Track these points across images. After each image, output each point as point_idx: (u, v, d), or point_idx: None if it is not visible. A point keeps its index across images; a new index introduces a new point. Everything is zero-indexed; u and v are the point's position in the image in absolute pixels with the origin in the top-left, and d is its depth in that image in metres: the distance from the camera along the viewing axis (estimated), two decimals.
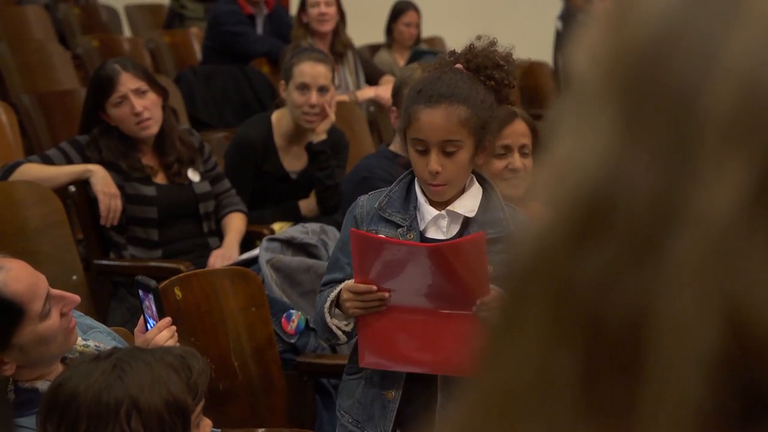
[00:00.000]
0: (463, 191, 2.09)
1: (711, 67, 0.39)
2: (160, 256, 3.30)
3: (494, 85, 2.05)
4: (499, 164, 2.51)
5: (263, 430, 2.49)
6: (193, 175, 3.40)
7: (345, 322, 2.07)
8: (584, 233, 0.40)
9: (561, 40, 6.65)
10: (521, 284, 0.42)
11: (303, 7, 5.07)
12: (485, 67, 2.05)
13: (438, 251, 1.95)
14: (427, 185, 2.05)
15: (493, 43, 2.10)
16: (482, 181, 2.12)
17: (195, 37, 6.06)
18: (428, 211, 2.06)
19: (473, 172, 2.11)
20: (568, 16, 6.61)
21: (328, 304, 2.06)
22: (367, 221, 2.08)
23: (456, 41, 2.62)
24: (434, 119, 2.00)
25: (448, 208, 2.07)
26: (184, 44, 6.00)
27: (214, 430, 2.04)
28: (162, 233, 3.32)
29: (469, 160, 2.04)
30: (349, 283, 2.03)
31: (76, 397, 1.53)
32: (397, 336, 2.03)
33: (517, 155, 2.50)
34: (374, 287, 2.00)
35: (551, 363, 0.40)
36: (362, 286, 2.01)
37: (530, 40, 7.13)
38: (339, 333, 2.08)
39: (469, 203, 2.08)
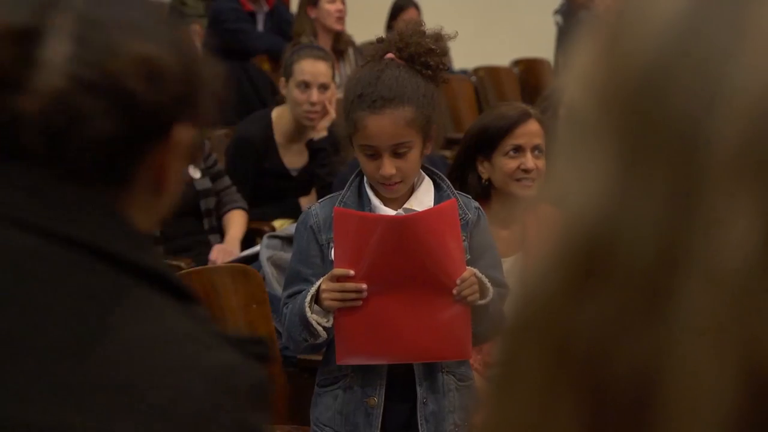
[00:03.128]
0: (413, 188, 2.07)
1: (715, 100, 0.35)
2: (161, 253, 3.31)
3: (431, 73, 2.01)
4: (512, 164, 2.47)
5: None
6: (194, 172, 3.40)
7: (325, 319, 2.01)
8: (583, 280, 0.37)
9: (562, 36, 6.64)
10: (517, 335, 0.40)
11: (314, 2, 5.01)
12: (419, 54, 2.00)
13: (416, 220, 1.94)
14: (382, 186, 2.02)
15: (419, 25, 2.08)
16: (431, 174, 2.11)
17: (195, 34, 6.06)
18: (385, 212, 2.03)
19: (421, 166, 2.09)
20: (567, 12, 6.61)
21: (308, 298, 1.99)
22: (325, 230, 2.03)
23: (457, 38, 2.61)
24: (382, 125, 1.95)
25: (405, 206, 2.04)
26: None
27: None
28: (163, 230, 3.32)
29: (419, 156, 2.02)
30: (330, 272, 1.99)
31: None
32: (375, 328, 2.00)
33: (529, 155, 2.47)
34: (352, 272, 1.95)
35: (550, 420, 0.38)
36: (341, 270, 1.96)
37: (531, 37, 7.14)
38: (320, 329, 2.00)
39: (424, 198, 2.06)
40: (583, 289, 0.37)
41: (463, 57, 6.51)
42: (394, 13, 6.01)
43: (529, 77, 6.42)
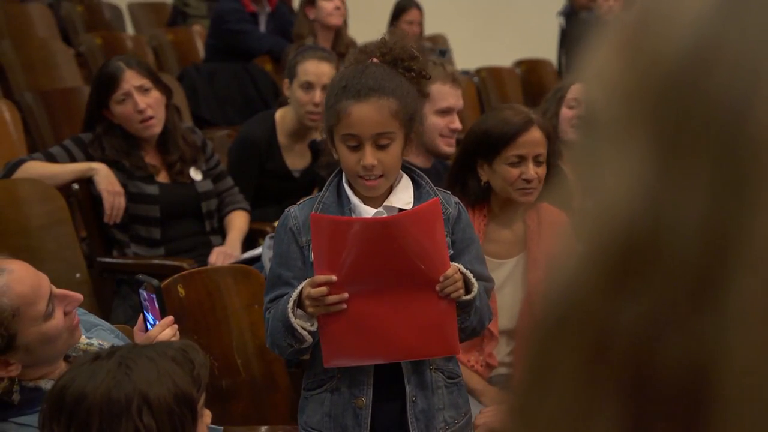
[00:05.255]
0: (391, 186, 2.06)
1: (755, 89, 0.35)
2: (163, 254, 3.31)
3: (413, 76, 2.03)
4: (513, 173, 2.46)
5: (266, 427, 2.49)
6: (195, 174, 3.40)
7: (309, 323, 2.00)
8: (622, 276, 0.36)
9: (565, 37, 6.65)
10: (550, 335, 0.39)
11: (312, 2, 5.01)
12: (402, 59, 2.02)
13: (398, 222, 1.92)
14: (361, 181, 2.01)
15: (404, 35, 2.09)
16: (408, 172, 2.10)
17: (198, 34, 6.06)
18: (365, 211, 2.02)
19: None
20: (571, 13, 6.61)
21: (291, 303, 1.98)
22: (304, 231, 2.02)
23: (459, 39, 2.60)
24: (366, 113, 1.96)
25: (385, 203, 2.03)
26: (187, 42, 6.01)
27: (217, 427, 2.05)
28: (164, 231, 3.32)
29: (400, 152, 2.01)
30: (311, 279, 1.97)
31: (85, 398, 1.53)
32: (361, 330, 1.98)
33: (531, 165, 2.46)
34: (334, 277, 1.94)
35: (591, 420, 0.37)
36: (322, 277, 1.94)
37: (533, 38, 7.14)
38: (305, 333, 1.99)
39: (403, 196, 2.05)
40: (623, 286, 0.36)
41: (465, 58, 6.51)
42: (396, 14, 6.01)
43: (531, 78, 6.42)
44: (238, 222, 3.49)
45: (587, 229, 0.38)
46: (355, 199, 2.04)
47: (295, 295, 1.99)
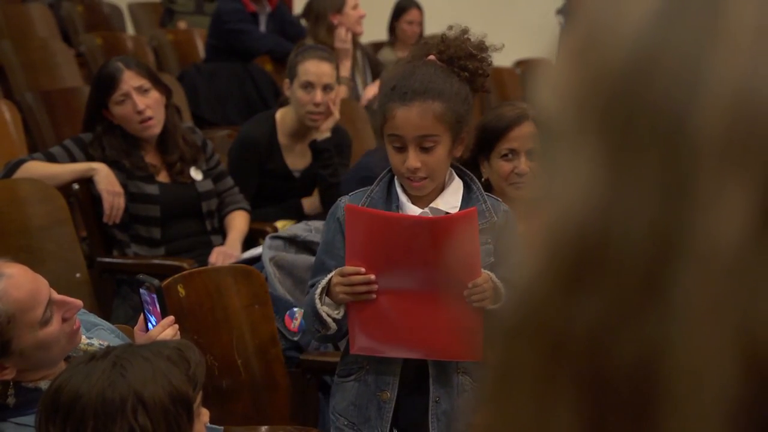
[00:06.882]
0: (443, 187, 2.08)
1: (697, 89, 0.37)
2: (163, 254, 3.31)
3: (468, 76, 2.05)
4: (506, 167, 2.47)
5: (266, 427, 2.49)
6: (196, 174, 3.40)
7: (336, 311, 2.04)
8: (574, 281, 0.38)
9: (564, 36, 6.63)
10: (511, 338, 0.40)
11: (339, 9, 4.90)
12: (458, 57, 2.04)
13: (433, 225, 1.94)
14: (407, 181, 2.04)
15: (465, 32, 2.11)
16: (462, 174, 2.12)
17: (198, 34, 6.06)
18: (411, 210, 2.05)
19: (453, 166, 2.11)
20: (569, 12, 6.60)
21: (319, 290, 2.03)
22: None
23: None
24: (409, 116, 2.00)
25: (431, 205, 2.06)
26: (187, 42, 6.01)
27: (218, 427, 2.05)
28: (165, 231, 3.32)
29: (447, 154, 2.04)
30: (340, 268, 2.02)
31: (80, 398, 1.53)
32: (389, 321, 2.01)
33: (523, 159, 2.46)
34: (362, 269, 1.98)
35: (551, 418, 0.38)
36: (350, 268, 1.99)
37: (533, 37, 7.13)
38: (329, 320, 2.03)
39: (451, 199, 2.08)
40: (577, 287, 0.37)
41: None
42: (397, 14, 6.00)
43: (531, 78, 6.42)
44: (238, 222, 3.49)
45: (543, 233, 0.39)
46: (403, 198, 2.07)
47: (324, 282, 2.03)
